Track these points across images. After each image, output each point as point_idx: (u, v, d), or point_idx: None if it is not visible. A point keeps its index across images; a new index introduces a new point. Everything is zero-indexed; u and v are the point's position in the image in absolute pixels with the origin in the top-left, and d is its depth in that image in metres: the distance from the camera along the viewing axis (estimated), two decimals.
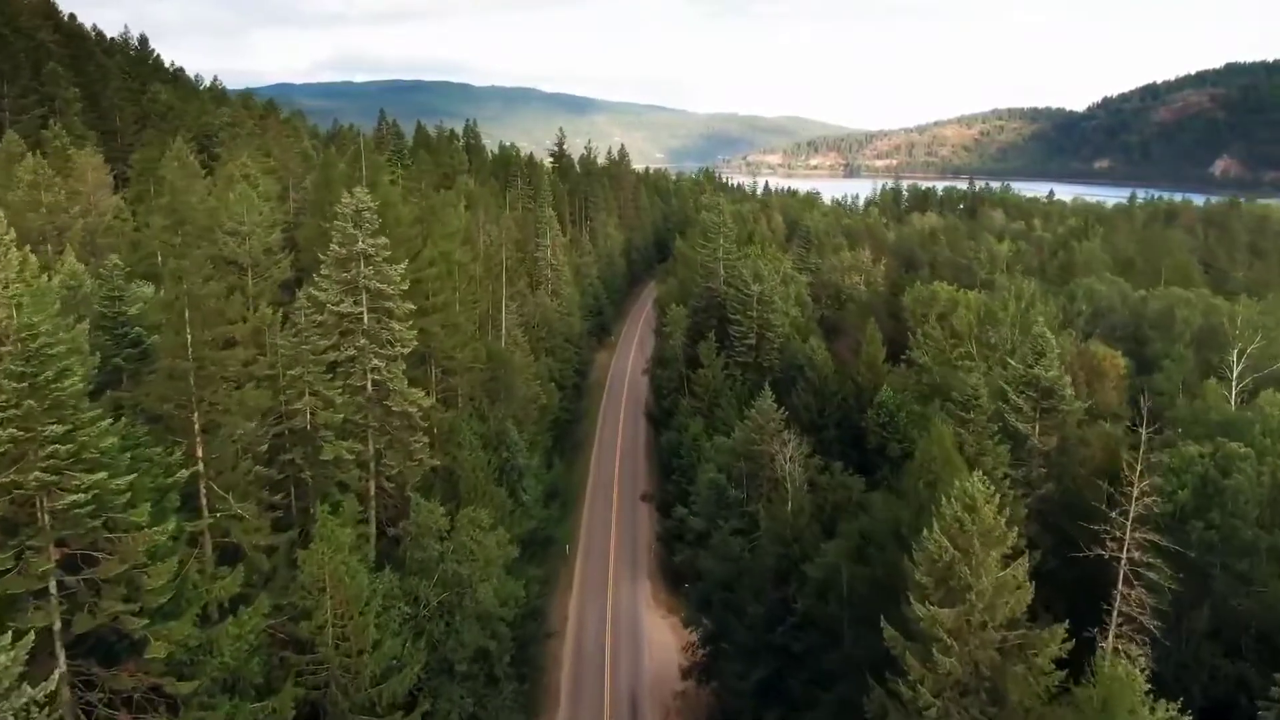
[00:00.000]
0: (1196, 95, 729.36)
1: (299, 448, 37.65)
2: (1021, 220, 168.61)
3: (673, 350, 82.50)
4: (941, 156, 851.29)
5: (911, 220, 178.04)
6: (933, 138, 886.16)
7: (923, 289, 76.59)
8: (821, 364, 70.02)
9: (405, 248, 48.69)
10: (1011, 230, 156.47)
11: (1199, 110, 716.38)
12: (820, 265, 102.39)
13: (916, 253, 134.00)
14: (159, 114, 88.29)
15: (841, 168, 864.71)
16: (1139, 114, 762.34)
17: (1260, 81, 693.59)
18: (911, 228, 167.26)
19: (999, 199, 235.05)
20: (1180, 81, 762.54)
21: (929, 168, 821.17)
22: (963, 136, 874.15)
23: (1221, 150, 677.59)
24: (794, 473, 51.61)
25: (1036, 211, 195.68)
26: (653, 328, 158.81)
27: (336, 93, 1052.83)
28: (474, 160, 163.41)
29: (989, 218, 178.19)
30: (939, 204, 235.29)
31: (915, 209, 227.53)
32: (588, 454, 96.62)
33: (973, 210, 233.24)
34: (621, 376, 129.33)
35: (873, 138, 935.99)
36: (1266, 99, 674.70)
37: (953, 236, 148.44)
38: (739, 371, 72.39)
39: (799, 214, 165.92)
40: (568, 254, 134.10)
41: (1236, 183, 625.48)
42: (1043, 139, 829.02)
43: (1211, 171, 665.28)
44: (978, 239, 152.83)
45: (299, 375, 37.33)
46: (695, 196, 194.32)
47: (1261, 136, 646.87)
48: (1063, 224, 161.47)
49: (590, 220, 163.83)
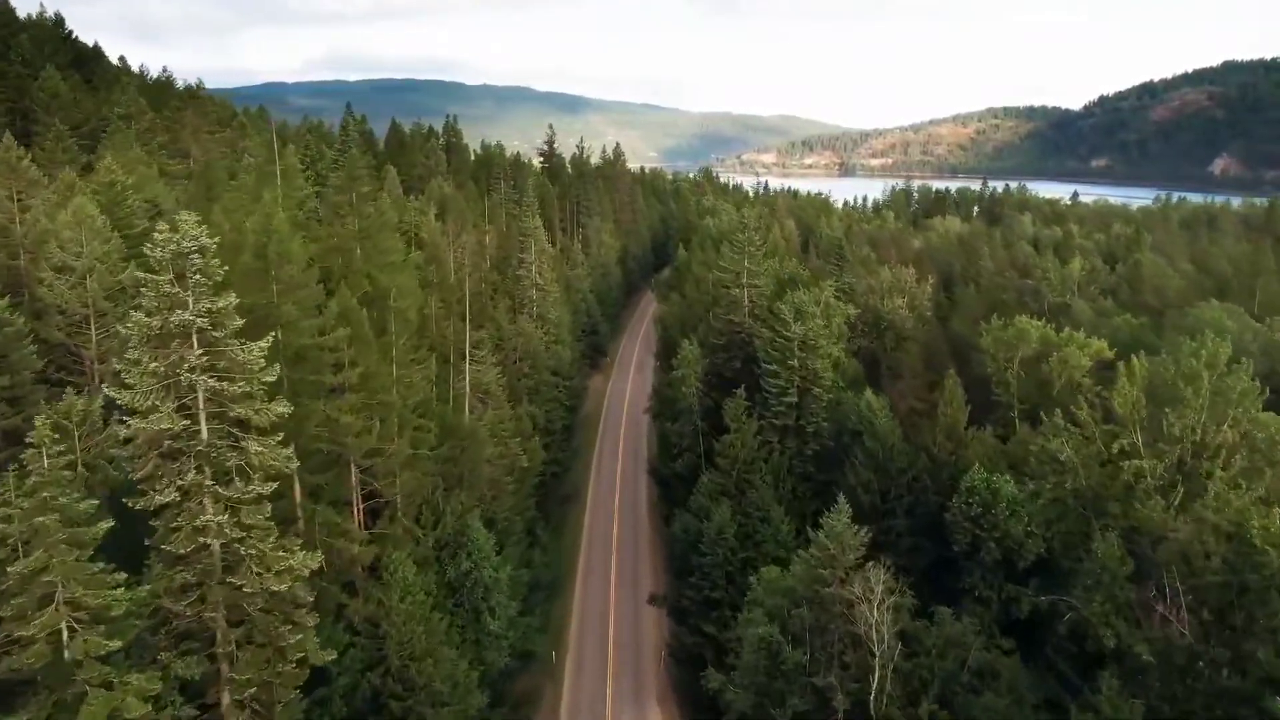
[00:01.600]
0: (1194, 94, 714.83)
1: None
2: (1054, 225, 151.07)
3: (685, 399, 64.83)
4: (937, 156, 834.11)
5: (933, 225, 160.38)
6: (928, 137, 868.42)
7: (1007, 329, 59.12)
8: (884, 431, 52.52)
9: (294, 302, 31.08)
10: (1047, 238, 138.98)
11: (1197, 109, 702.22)
12: (854, 286, 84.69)
13: (952, 266, 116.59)
14: (42, 105, 70.26)
15: (837, 167, 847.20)
16: (1136, 113, 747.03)
17: (1259, 80, 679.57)
18: (936, 234, 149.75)
19: (1017, 201, 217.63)
20: (1177, 80, 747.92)
21: (925, 167, 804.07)
22: (958, 135, 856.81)
23: (1220, 149, 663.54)
24: (882, 627, 34.27)
25: (1066, 215, 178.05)
26: (653, 350, 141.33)
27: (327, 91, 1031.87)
28: (454, 160, 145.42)
29: (1018, 222, 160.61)
30: (954, 206, 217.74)
31: (930, 212, 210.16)
32: (579, 517, 78.79)
33: (991, 213, 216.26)
34: (619, 409, 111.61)
35: (868, 137, 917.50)
36: (1265, 97, 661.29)
37: (990, 246, 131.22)
38: (776, 437, 54.88)
39: (812, 220, 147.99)
40: (557, 267, 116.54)
41: (1236, 182, 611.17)
42: (1039, 138, 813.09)
43: (1211, 171, 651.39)
44: (1013, 248, 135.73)
45: (41, 564, 19.71)
46: (697, 199, 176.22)
47: (1261, 135, 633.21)
48: (1103, 231, 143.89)
49: (583, 227, 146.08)
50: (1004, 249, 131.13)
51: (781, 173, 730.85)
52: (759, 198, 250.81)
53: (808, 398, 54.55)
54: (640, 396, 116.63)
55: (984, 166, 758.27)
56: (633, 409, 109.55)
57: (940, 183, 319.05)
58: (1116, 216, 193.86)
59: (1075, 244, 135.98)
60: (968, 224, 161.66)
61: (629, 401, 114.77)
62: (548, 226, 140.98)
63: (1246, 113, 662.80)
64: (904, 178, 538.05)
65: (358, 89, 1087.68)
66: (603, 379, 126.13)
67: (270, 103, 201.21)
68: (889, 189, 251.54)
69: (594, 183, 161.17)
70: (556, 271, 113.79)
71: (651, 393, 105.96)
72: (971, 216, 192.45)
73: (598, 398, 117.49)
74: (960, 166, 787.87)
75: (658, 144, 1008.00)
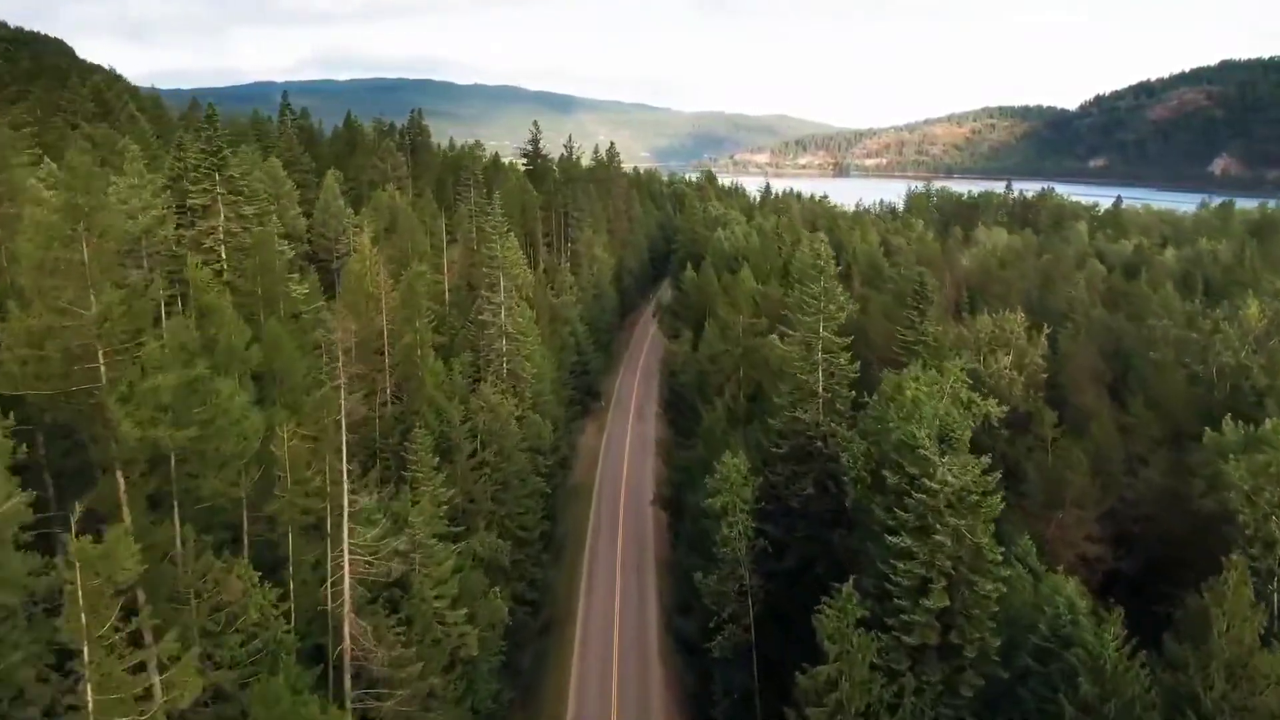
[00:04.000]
0: (1192, 93, 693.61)
1: None
2: (1131, 237, 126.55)
3: (727, 543, 40.03)
4: (933, 156, 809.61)
5: (977, 239, 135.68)
6: (923, 137, 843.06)
7: (1260, 448, 34.71)
8: (1114, 659, 28.00)
9: None
10: (1127, 257, 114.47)
11: (1196, 108, 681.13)
12: (941, 338, 59.95)
13: (1029, 296, 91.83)
14: None
15: (831, 167, 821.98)
16: (1133, 112, 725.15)
17: (1258, 79, 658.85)
18: (984, 249, 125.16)
19: (1053, 205, 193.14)
20: (1174, 79, 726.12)
21: (920, 167, 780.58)
22: (954, 135, 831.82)
23: (1220, 149, 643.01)
24: None
25: (1126, 223, 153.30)
26: (654, 381, 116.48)
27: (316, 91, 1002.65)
28: (418, 162, 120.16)
29: (1075, 233, 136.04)
30: (988, 211, 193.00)
31: (958, 219, 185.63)
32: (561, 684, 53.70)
33: (1025, 219, 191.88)
34: (616, 476, 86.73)
35: (862, 136, 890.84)
36: (1265, 97, 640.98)
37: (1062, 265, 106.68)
38: (906, 663, 30.18)
39: (845, 233, 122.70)
40: (539, 296, 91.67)
41: (1237, 182, 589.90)
42: (1035, 138, 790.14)
43: (1211, 170, 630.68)
44: (1085, 265, 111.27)
45: None
46: (702, 206, 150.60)
47: (1261, 135, 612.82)
48: (1190, 244, 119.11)
49: (572, 242, 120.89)
50: (1077, 270, 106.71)
51: (775, 173, 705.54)
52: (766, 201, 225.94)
53: (962, 591, 29.96)
54: (643, 456, 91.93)
55: (980, 167, 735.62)
56: (635, 480, 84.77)
57: (939, 183, 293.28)
58: (1174, 224, 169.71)
59: (1161, 260, 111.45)
60: (1015, 235, 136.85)
61: (629, 464, 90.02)
62: (529, 242, 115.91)
63: (1246, 112, 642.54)
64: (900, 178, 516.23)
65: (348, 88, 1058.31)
66: (596, 430, 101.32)
67: (259, 103, 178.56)
68: (907, 191, 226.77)
69: (585, 188, 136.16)
70: (538, 303, 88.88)
71: (656, 477, 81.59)
72: (1010, 224, 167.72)
73: (590, 459, 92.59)
74: (956, 167, 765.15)
75: (650, 144, 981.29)
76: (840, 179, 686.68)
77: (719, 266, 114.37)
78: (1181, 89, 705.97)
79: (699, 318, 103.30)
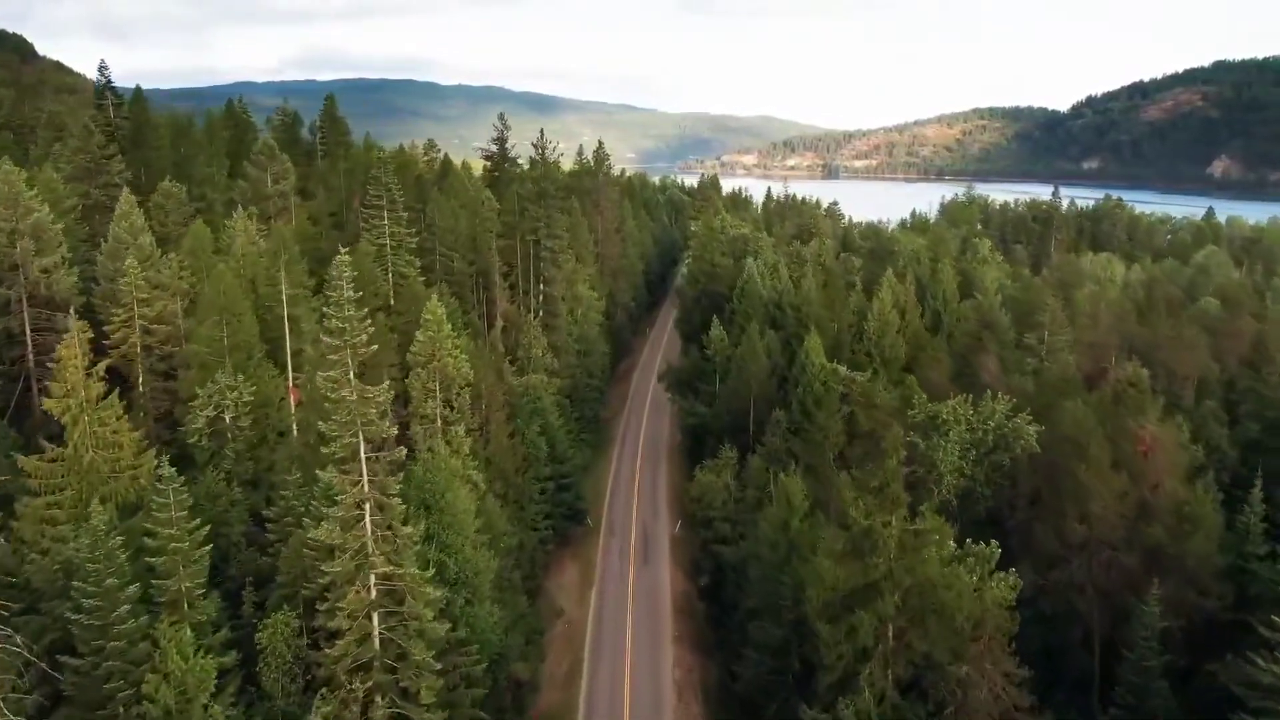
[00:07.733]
0: (1187, 94, 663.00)
1: None
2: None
3: None
4: (923, 157, 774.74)
5: (1088, 272, 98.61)
6: (913, 138, 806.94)
7: None
8: None
9: None
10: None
11: (1191, 109, 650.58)
12: None
13: (1207, 373, 55.16)
14: None
15: (820, 168, 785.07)
16: (1127, 113, 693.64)
17: (1254, 79, 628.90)
18: (1115, 288, 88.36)
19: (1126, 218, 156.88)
20: (1168, 80, 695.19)
21: (910, 168, 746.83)
22: (944, 136, 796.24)
23: (1219, 150, 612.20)
24: None
25: (1256, 246, 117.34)
26: (666, 492, 78.92)
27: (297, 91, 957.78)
28: (331, 170, 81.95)
29: (1217, 263, 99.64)
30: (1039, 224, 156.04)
31: (1019, 234, 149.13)
32: None
33: (1094, 236, 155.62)
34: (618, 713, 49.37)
35: (851, 137, 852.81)
36: (1263, 97, 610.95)
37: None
38: None
39: (927, 269, 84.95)
40: (495, 382, 54.52)
41: (1238, 184, 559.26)
42: (1027, 139, 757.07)
43: (1210, 172, 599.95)
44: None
45: None
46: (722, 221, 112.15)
47: (1261, 135, 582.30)
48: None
49: (545, 284, 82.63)
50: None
51: (763, 174, 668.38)
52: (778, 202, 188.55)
53: None
54: (656, 639, 54.49)
55: (972, 168, 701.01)
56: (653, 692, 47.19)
57: (937, 184, 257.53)
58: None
59: None
60: (1141, 267, 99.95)
61: (631, 665, 51.69)
62: (484, 285, 78.25)
63: (1244, 112, 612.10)
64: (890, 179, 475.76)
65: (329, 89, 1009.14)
66: (579, 574, 63.91)
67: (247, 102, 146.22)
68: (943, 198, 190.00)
69: (565, 203, 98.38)
70: (497, 387, 51.43)
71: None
72: (1092, 243, 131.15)
73: (574, 651, 55.08)
74: (947, 168, 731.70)
75: (635, 145, 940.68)
76: (830, 181, 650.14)
77: (754, 314, 77.38)
78: (1176, 90, 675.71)
79: (737, 409, 65.98)
